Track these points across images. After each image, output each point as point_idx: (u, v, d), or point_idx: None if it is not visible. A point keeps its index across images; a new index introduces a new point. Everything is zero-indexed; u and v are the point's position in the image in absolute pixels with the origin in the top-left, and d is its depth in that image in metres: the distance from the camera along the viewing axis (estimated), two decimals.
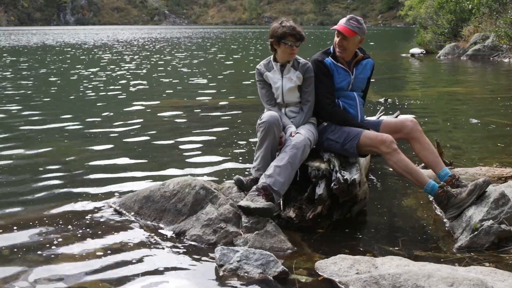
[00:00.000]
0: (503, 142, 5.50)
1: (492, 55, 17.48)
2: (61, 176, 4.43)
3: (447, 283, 2.28)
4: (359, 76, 3.70)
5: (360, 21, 3.58)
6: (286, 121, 3.55)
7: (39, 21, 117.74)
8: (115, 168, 4.68)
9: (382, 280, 2.39)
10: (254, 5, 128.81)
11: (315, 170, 3.36)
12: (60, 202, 3.77)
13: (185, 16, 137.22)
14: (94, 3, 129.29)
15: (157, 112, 7.73)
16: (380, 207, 3.72)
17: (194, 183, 3.39)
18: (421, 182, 3.32)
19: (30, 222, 3.36)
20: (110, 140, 5.83)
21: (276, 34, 3.47)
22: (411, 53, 20.26)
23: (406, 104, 8.32)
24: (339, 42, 3.56)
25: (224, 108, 8.10)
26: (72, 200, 3.80)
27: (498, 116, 7.17)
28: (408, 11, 42.06)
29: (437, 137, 4.61)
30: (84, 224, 3.32)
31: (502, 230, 2.94)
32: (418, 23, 30.07)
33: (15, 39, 41.91)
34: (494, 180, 3.86)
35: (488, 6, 19.39)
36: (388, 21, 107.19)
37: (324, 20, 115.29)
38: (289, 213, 3.34)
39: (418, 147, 3.53)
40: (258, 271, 2.60)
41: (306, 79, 3.58)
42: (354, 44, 3.59)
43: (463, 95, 9.60)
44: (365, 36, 3.63)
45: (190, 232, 3.11)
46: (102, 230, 3.24)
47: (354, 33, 3.51)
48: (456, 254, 2.91)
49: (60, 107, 8.37)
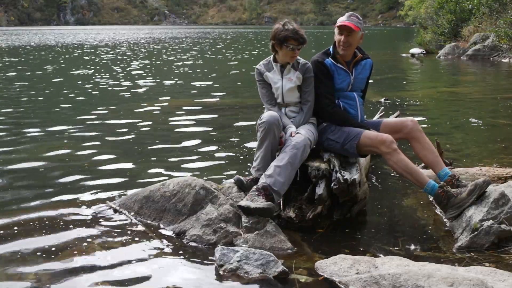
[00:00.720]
0: (503, 142, 5.50)
1: (492, 55, 17.49)
2: (61, 176, 4.43)
3: (447, 283, 2.28)
4: (359, 76, 3.70)
5: (359, 17, 3.61)
6: (286, 121, 3.55)
7: (39, 21, 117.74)
8: (115, 168, 4.68)
9: (382, 280, 2.39)
10: (254, 5, 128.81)
11: (315, 170, 3.36)
12: (60, 202, 3.77)
13: (185, 16, 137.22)
14: (94, 3, 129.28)
15: (157, 112, 7.73)
16: (380, 207, 3.72)
17: (194, 183, 3.39)
18: (421, 182, 3.32)
19: (30, 222, 3.36)
20: (110, 140, 5.83)
21: (279, 37, 3.46)
22: (411, 53, 20.27)
23: (406, 104, 8.32)
24: (345, 39, 3.54)
25: (224, 108, 8.10)
26: (72, 200, 3.80)
27: (498, 116, 7.18)
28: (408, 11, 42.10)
29: (437, 137, 4.61)
30: (84, 224, 3.32)
31: (502, 230, 2.94)
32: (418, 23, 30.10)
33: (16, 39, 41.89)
34: (494, 180, 3.86)
35: (488, 6, 19.40)
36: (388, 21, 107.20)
37: (324, 20, 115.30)
38: (289, 213, 3.34)
39: (418, 147, 3.53)
40: (258, 271, 2.60)
41: (306, 79, 3.58)
42: (357, 40, 3.60)
43: (463, 95, 9.61)
44: (363, 33, 3.65)
45: (190, 232, 3.11)
46: (102, 230, 3.24)
47: (358, 28, 3.53)
48: (456, 254, 2.91)
49: (60, 107, 8.36)
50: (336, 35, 3.60)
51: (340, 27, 3.55)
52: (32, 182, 4.29)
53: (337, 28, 3.58)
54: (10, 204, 3.74)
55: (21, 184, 4.23)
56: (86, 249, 2.96)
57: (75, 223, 3.34)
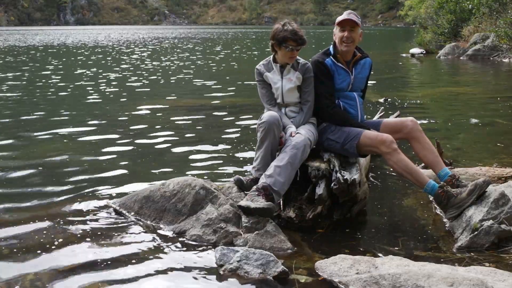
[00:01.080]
0: (503, 142, 5.50)
1: (492, 55, 17.48)
2: (61, 176, 4.43)
3: (447, 283, 2.28)
4: (358, 76, 3.71)
5: (357, 15, 3.64)
6: (286, 121, 3.55)
7: (39, 21, 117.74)
8: (115, 168, 4.68)
9: (382, 280, 2.39)
10: (254, 5, 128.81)
11: (315, 170, 3.36)
12: (60, 202, 3.77)
13: (185, 16, 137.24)
14: (94, 3, 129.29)
15: (157, 113, 7.73)
16: (380, 207, 3.71)
17: (194, 183, 3.39)
18: (421, 182, 3.32)
19: (30, 222, 3.36)
20: (110, 140, 5.83)
21: (278, 37, 3.46)
22: (411, 53, 20.26)
23: (406, 104, 8.32)
24: (348, 34, 3.55)
25: (224, 108, 8.09)
26: (72, 200, 3.80)
27: (498, 116, 7.17)
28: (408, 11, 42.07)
29: (437, 137, 4.61)
30: (84, 224, 3.32)
31: (502, 230, 2.94)
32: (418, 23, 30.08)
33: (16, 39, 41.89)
34: (494, 180, 3.86)
35: (488, 6, 19.38)
36: (388, 21, 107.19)
37: (324, 20, 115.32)
38: (289, 213, 3.34)
39: (418, 147, 3.53)
40: (258, 271, 2.60)
41: (305, 79, 3.58)
42: (358, 37, 3.61)
43: (463, 95, 9.60)
44: (362, 31, 3.67)
45: (190, 232, 3.11)
46: (102, 230, 3.24)
47: (359, 24, 3.56)
48: (456, 254, 2.91)
49: (60, 107, 8.36)
50: (338, 32, 3.60)
51: (342, 22, 3.56)
52: (32, 181, 4.29)
53: (338, 25, 3.58)
54: (10, 204, 3.74)
55: (21, 183, 4.23)
56: (86, 249, 2.96)
57: (75, 223, 3.34)
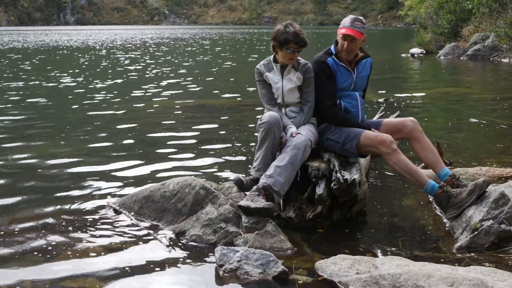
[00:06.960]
0: (503, 142, 5.50)
1: (492, 55, 17.47)
2: (61, 176, 4.43)
3: (447, 283, 2.28)
4: (360, 75, 3.70)
5: (363, 21, 3.59)
6: (286, 121, 3.55)
7: (39, 21, 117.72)
8: (115, 168, 4.68)
9: (382, 280, 2.39)
10: (254, 5, 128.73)
11: (315, 170, 3.36)
12: (60, 202, 3.77)
13: (185, 16, 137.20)
14: (94, 3, 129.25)
15: (157, 113, 7.73)
16: (380, 207, 3.72)
17: (194, 183, 3.39)
18: (421, 182, 3.31)
19: (30, 222, 3.36)
20: (110, 140, 5.83)
21: (279, 39, 3.45)
22: (411, 53, 20.26)
23: (406, 104, 8.32)
24: (348, 46, 3.52)
25: (224, 108, 8.10)
26: (72, 200, 3.80)
27: (498, 116, 7.17)
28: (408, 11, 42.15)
29: (437, 137, 4.61)
30: (84, 224, 3.32)
31: (502, 230, 2.94)
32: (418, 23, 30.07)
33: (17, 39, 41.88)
34: (494, 180, 3.85)
35: (488, 6, 19.38)
36: (388, 21, 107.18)
37: (324, 20, 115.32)
38: (289, 213, 3.34)
39: (418, 147, 3.53)
40: (258, 271, 2.60)
41: (306, 79, 3.58)
42: (360, 44, 3.60)
43: (463, 95, 9.60)
44: (366, 35, 3.64)
45: (190, 232, 3.11)
46: (102, 230, 3.24)
47: (361, 35, 3.52)
48: (456, 254, 2.91)
49: (60, 107, 8.36)
50: (340, 39, 3.58)
51: (344, 36, 3.53)
52: (32, 182, 4.29)
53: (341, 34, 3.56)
54: (10, 204, 3.74)
55: (21, 184, 4.23)
56: (86, 249, 2.97)
57: (75, 223, 3.34)
